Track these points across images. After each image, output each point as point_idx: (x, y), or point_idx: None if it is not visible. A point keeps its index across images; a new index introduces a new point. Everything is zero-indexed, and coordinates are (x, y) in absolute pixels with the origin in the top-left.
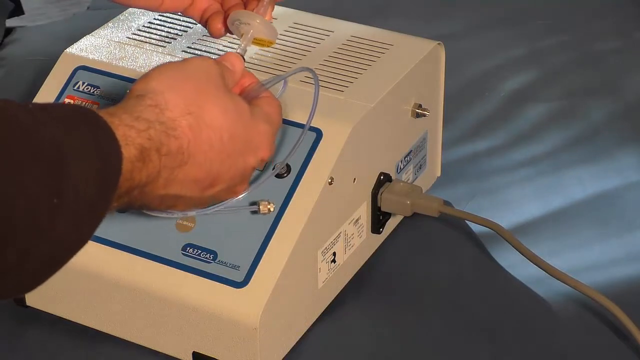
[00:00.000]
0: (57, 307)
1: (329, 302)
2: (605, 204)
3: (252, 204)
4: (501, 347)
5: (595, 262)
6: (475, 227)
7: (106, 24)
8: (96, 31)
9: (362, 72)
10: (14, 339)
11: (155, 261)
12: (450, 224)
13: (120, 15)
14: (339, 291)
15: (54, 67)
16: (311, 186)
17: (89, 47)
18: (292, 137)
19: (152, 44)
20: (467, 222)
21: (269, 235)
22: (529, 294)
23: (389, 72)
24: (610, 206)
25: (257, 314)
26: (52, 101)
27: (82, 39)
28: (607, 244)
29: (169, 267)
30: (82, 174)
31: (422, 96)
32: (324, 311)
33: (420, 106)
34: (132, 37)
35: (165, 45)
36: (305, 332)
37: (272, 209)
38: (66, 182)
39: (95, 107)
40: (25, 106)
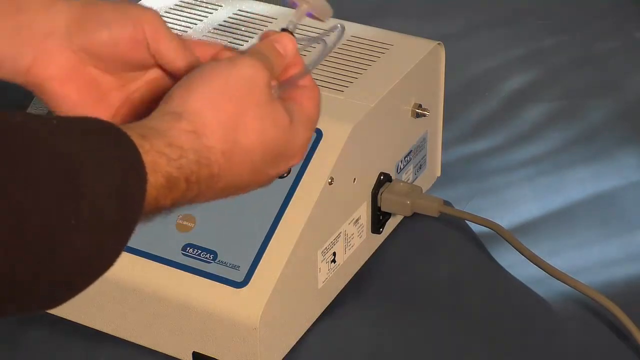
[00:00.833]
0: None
1: (329, 302)
2: (605, 204)
3: None
4: (501, 347)
5: (595, 262)
6: (475, 227)
7: None
8: None
9: (362, 72)
10: (14, 339)
11: (155, 261)
12: (450, 224)
13: None
14: (339, 291)
15: None
16: (311, 186)
17: None
18: None
19: None
20: (467, 222)
21: (269, 235)
22: (529, 294)
23: (389, 72)
24: (610, 206)
25: (257, 314)
26: None
27: None
28: (607, 244)
29: (169, 267)
30: (102, 193)
31: (422, 96)
32: (324, 311)
33: (420, 106)
34: None
35: None
36: (305, 332)
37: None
38: (84, 200)
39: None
40: (48, 121)
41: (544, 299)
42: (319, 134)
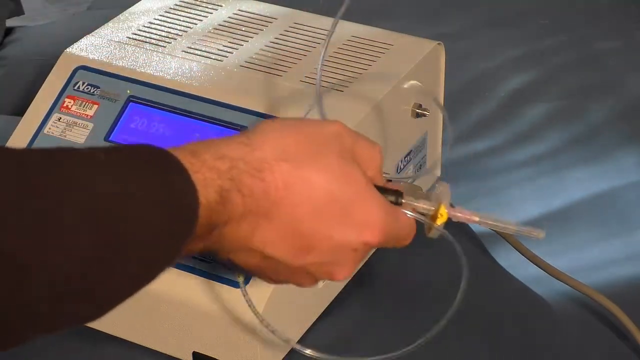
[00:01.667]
0: None
1: (329, 302)
2: (605, 204)
3: None
4: (501, 347)
5: (595, 262)
6: (475, 227)
7: (106, 24)
8: (96, 31)
9: (362, 72)
10: None
11: None
12: (450, 224)
13: (120, 15)
14: (339, 291)
15: (54, 67)
16: None
17: (89, 47)
18: None
19: (152, 43)
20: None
21: None
22: (529, 294)
23: (389, 72)
24: (610, 206)
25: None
26: (52, 101)
27: (82, 39)
28: (607, 244)
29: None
30: (146, 227)
31: (422, 96)
32: (324, 311)
33: (420, 106)
34: (132, 37)
35: (165, 45)
36: (305, 332)
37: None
38: (124, 239)
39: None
40: (90, 155)
41: (544, 299)
42: None
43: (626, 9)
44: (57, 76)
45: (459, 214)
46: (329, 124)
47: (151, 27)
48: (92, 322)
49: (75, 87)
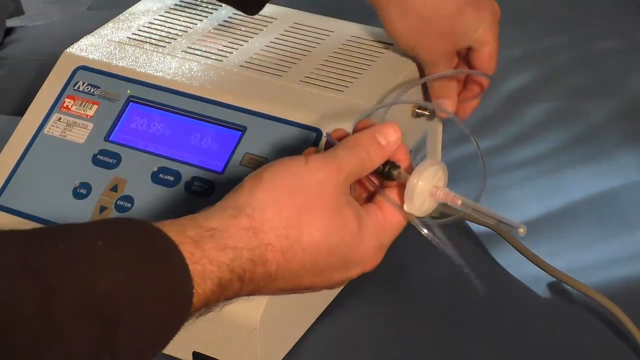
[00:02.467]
0: None
1: (329, 302)
2: (605, 204)
3: None
4: (501, 347)
5: (595, 262)
6: (475, 227)
7: (106, 24)
8: (96, 31)
9: (362, 72)
10: None
11: None
12: (450, 223)
13: (120, 15)
14: (339, 291)
15: (54, 67)
16: None
17: (89, 47)
18: (295, 138)
19: (152, 44)
20: (467, 222)
21: None
22: (529, 294)
23: (389, 72)
24: (610, 206)
25: (257, 314)
26: (52, 101)
27: (82, 39)
28: (607, 244)
29: None
30: (141, 321)
31: (422, 96)
32: (324, 311)
33: (420, 106)
34: (132, 37)
35: (165, 45)
36: (305, 332)
37: None
38: (120, 334)
39: (185, 224)
40: (93, 246)
41: (544, 299)
42: (319, 133)
43: (626, 9)
44: (57, 76)
45: (441, 194)
46: (323, 173)
47: (151, 27)
48: None
49: (75, 87)
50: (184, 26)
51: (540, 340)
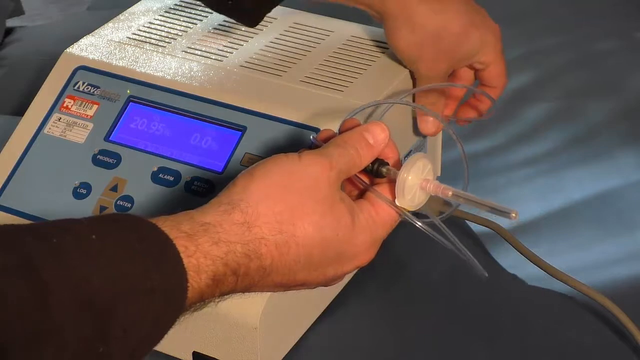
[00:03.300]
0: None
1: (329, 302)
2: (605, 204)
3: None
4: (501, 346)
5: (595, 262)
6: (475, 227)
7: (106, 24)
8: (96, 31)
9: (362, 72)
10: None
11: None
12: (450, 223)
13: (120, 15)
14: (339, 291)
15: (54, 67)
16: None
17: (89, 47)
18: (295, 138)
19: (152, 44)
20: (467, 222)
21: None
22: (528, 294)
23: (389, 72)
24: (610, 206)
25: (257, 313)
26: (52, 101)
27: (82, 39)
28: (607, 244)
29: None
30: (135, 315)
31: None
32: (324, 311)
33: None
34: (132, 37)
35: (165, 45)
36: (305, 332)
37: None
38: (114, 327)
39: (181, 218)
40: (86, 240)
41: (544, 299)
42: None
43: (626, 9)
44: (57, 76)
45: (431, 186)
46: (314, 169)
47: (151, 27)
48: None
49: (75, 87)
50: (184, 26)
51: (540, 340)
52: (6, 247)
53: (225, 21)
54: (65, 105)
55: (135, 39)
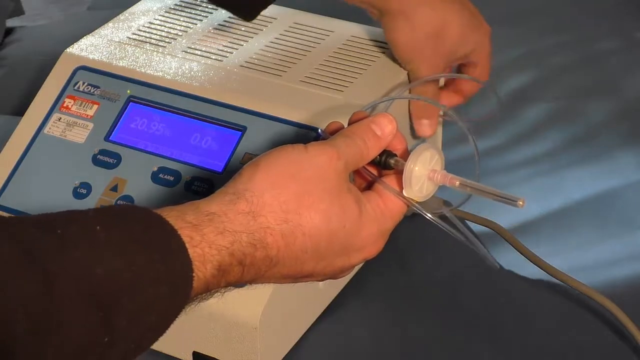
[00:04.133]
0: None
1: (329, 302)
2: (605, 204)
3: None
4: (501, 347)
5: (595, 262)
6: (475, 227)
7: (106, 24)
8: (96, 31)
9: (362, 72)
10: None
11: None
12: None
13: (120, 15)
14: (339, 291)
15: (54, 67)
16: None
17: (89, 47)
18: (295, 138)
19: (152, 44)
20: (467, 222)
21: None
22: (529, 294)
23: (388, 72)
24: (610, 206)
25: (257, 313)
26: (53, 101)
27: (82, 39)
28: (607, 244)
29: None
30: (140, 305)
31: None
32: (324, 311)
33: None
34: (132, 37)
35: (165, 45)
36: (305, 332)
37: None
38: (119, 318)
39: (185, 207)
40: (91, 231)
41: (544, 299)
42: (318, 133)
43: (626, 9)
44: (57, 76)
45: (438, 176)
46: (321, 159)
47: (151, 27)
48: None
49: (75, 87)
50: (184, 26)
51: (540, 340)
52: (10, 237)
53: (225, 21)
54: (65, 105)
55: (135, 39)
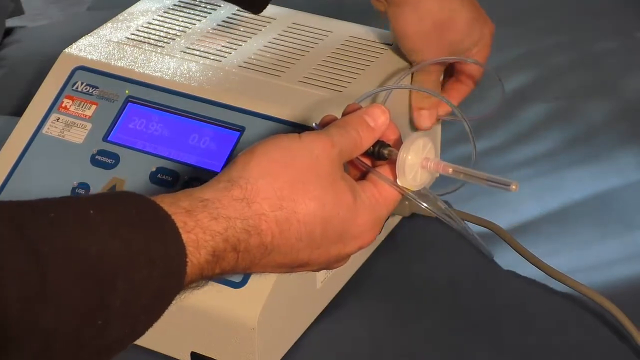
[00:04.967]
0: None
1: (327, 303)
2: (604, 204)
3: None
4: (501, 347)
5: (594, 262)
6: (474, 228)
7: (105, 24)
8: (95, 31)
9: (361, 72)
10: None
11: None
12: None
13: (119, 15)
14: (338, 291)
15: (53, 67)
16: None
17: (87, 47)
18: None
19: (151, 44)
20: (467, 222)
21: None
22: (528, 294)
23: (387, 73)
24: (609, 206)
25: (255, 314)
26: (51, 101)
27: (81, 39)
28: (606, 244)
29: None
30: (134, 285)
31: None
32: (322, 312)
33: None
34: (131, 37)
35: (164, 45)
36: (303, 333)
37: None
38: (113, 299)
39: (179, 194)
40: (84, 213)
41: (544, 299)
42: (313, 128)
43: (626, 9)
44: (56, 76)
45: (431, 164)
46: (315, 146)
47: (150, 28)
48: None
49: (73, 87)
50: (183, 26)
51: (540, 340)
52: (3, 220)
53: (224, 21)
54: (63, 105)
55: (134, 39)
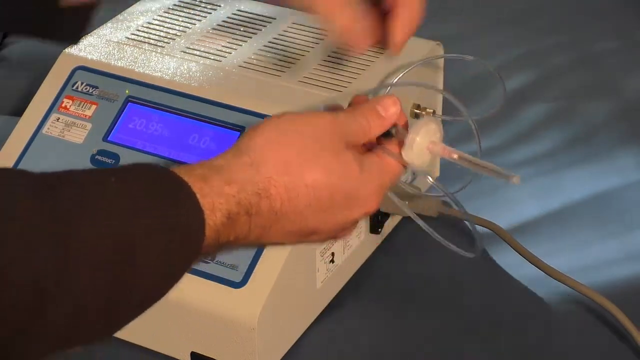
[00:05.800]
0: None
1: (328, 303)
2: (604, 204)
3: None
4: (500, 347)
5: (594, 262)
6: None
7: (105, 24)
8: (95, 31)
9: (361, 72)
10: None
11: None
12: (449, 224)
13: (119, 15)
14: (338, 291)
15: (53, 67)
16: None
17: (87, 47)
18: None
19: (151, 44)
20: (466, 222)
21: None
22: (528, 294)
23: (387, 73)
24: (609, 206)
25: (255, 314)
26: (51, 101)
27: (81, 39)
28: (606, 244)
29: None
30: (155, 253)
31: (421, 96)
32: (322, 311)
33: (419, 106)
34: (131, 37)
35: (164, 45)
36: (303, 333)
37: None
38: (135, 267)
39: (191, 168)
40: (105, 186)
41: (544, 299)
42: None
43: (626, 9)
44: (56, 76)
45: (438, 148)
46: (320, 120)
47: (150, 28)
48: None
49: (73, 87)
50: (183, 26)
51: (539, 340)
52: (32, 187)
53: (224, 21)
54: (63, 105)
55: (134, 39)
